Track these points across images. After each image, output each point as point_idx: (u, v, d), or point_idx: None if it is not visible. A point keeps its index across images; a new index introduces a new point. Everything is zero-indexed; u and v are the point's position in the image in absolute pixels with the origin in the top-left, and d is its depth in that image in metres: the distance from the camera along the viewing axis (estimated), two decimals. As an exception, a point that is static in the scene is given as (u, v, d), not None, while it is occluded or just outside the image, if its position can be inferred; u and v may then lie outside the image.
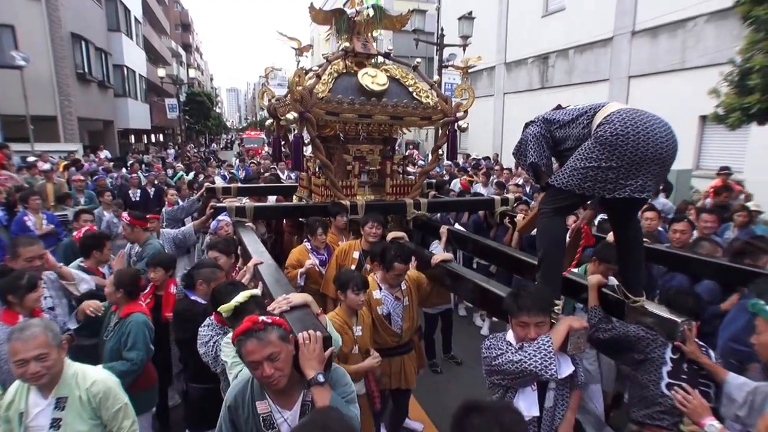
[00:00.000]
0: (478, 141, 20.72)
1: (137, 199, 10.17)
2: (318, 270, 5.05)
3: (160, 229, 6.00)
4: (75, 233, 5.24)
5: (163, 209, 7.63)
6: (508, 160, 16.32)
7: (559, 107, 3.17)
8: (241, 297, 2.80)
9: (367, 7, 5.75)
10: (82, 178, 9.91)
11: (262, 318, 2.18)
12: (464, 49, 15.88)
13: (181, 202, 7.79)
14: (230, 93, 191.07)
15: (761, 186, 9.65)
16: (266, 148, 34.76)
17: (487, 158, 17.75)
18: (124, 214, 5.53)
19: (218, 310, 2.82)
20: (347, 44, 5.73)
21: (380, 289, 4.12)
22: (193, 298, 3.82)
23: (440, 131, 5.98)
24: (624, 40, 14.40)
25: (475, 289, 3.63)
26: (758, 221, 7.01)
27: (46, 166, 10.56)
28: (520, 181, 10.64)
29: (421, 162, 15.80)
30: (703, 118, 11.53)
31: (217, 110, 67.15)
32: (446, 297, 5.07)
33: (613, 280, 3.57)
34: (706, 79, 8.55)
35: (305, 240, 5.26)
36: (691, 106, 11.28)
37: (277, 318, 2.28)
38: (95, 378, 2.66)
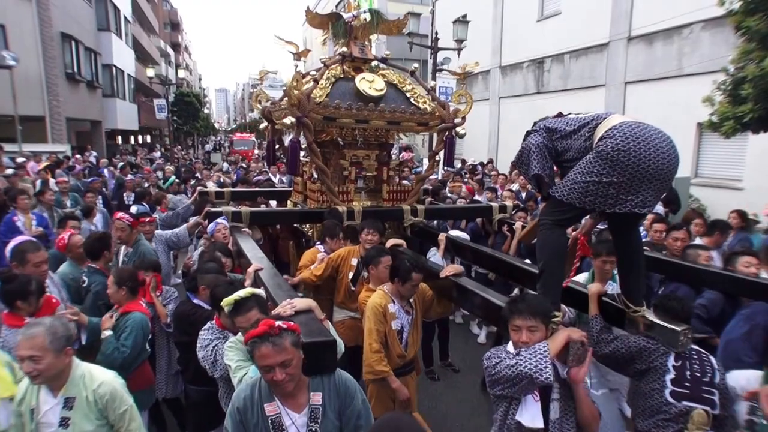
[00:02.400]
0: (473, 145, 20.68)
1: (130, 202, 10.03)
2: None
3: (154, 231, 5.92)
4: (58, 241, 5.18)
5: (155, 214, 7.54)
6: (504, 165, 16.28)
7: (560, 115, 3.16)
8: (244, 292, 2.88)
9: (365, 12, 5.72)
10: (65, 179, 9.75)
11: (278, 323, 2.20)
12: (459, 53, 15.89)
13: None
14: (219, 93, 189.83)
15: (761, 193, 9.69)
16: (256, 151, 34.73)
17: (481, 163, 17.66)
18: (121, 215, 5.52)
19: (221, 304, 2.89)
20: (344, 49, 5.69)
21: (393, 302, 3.91)
22: (195, 301, 3.84)
23: (438, 137, 5.94)
24: (620, 45, 14.36)
25: (484, 305, 3.52)
26: (756, 230, 7.02)
27: (9, 171, 10.30)
28: (516, 186, 10.62)
29: (418, 169, 15.65)
30: (701, 125, 11.43)
31: (206, 111, 66.84)
32: (450, 308, 4.90)
33: (615, 289, 3.56)
34: (703, 86, 8.53)
35: (317, 243, 5.23)
36: (688, 112, 11.18)
37: (292, 323, 2.29)
38: (102, 380, 2.70)
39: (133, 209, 7.70)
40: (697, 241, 5.67)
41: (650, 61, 13.50)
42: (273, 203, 7.85)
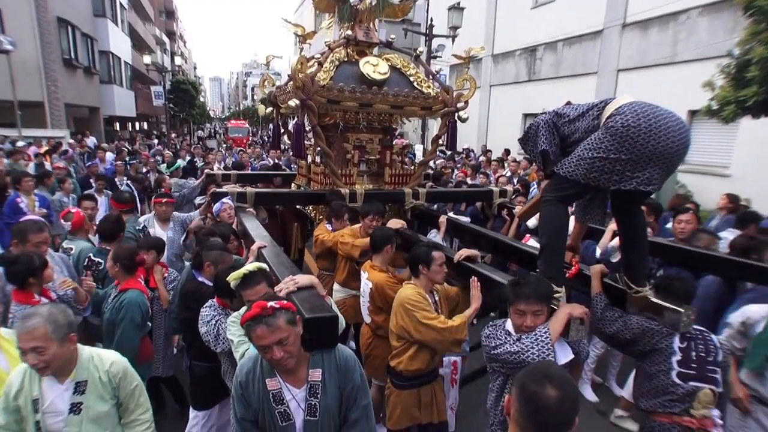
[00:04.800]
0: (462, 132, 20.62)
1: (123, 186, 10.05)
2: None
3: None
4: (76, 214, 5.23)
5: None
6: (494, 153, 16.26)
7: (569, 104, 3.16)
8: (252, 266, 2.93)
9: (370, -5, 5.75)
10: (62, 165, 9.79)
11: (270, 303, 2.20)
12: (453, 40, 15.89)
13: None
14: (213, 82, 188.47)
15: (748, 181, 9.79)
16: (250, 138, 34.89)
17: (472, 150, 17.70)
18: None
19: (227, 279, 2.91)
20: (349, 32, 5.72)
21: (431, 292, 3.66)
22: (200, 279, 3.86)
23: (441, 121, 6.01)
24: (614, 32, 14.33)
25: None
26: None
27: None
28: (508, 173, 10.70)
29: (410, 155, 15.65)
30: (692, 113, 11.41)
31: (201, 99, 66.53)
32: None
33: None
34: (697, 73, 8.47)
35: (327, 223, 5.28)
36: (680, 100, 10.96)
37: (285, 302, 2.31)
38: (113, 359, 2.66)
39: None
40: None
41: (644, 48, 13.45)
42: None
